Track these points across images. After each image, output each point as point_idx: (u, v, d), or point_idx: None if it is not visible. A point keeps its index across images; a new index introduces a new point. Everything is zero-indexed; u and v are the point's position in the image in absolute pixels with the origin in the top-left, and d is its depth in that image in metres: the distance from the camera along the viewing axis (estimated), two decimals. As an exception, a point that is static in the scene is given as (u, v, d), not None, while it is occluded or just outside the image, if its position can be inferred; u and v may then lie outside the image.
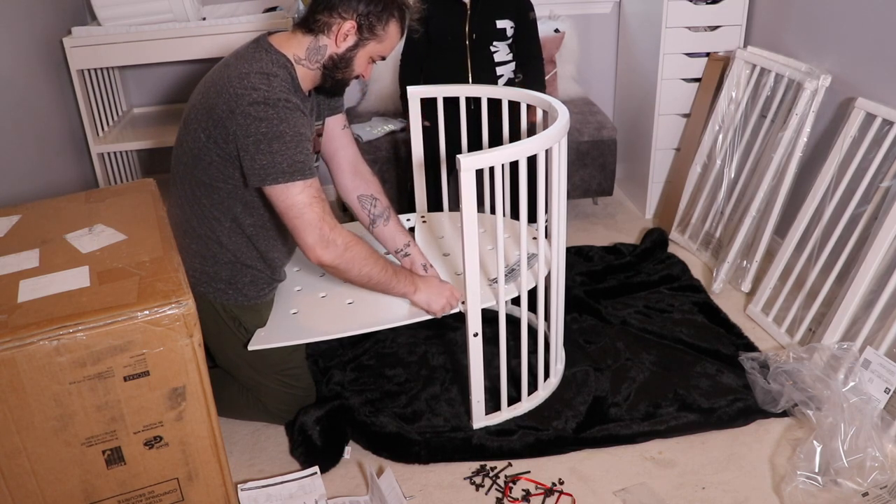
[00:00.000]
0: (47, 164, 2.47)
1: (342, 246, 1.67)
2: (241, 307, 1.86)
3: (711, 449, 1.94)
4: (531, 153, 1.75)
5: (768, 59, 2.66)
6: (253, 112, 1.59)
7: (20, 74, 2.36)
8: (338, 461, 1.93)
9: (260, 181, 1.62)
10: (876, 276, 2.06)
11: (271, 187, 1.62)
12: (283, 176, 1.60)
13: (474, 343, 1.87)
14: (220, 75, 1.67)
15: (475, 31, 2.61)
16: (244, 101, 1.59)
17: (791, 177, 2.49)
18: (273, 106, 1.60)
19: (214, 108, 1.64)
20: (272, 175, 1.61)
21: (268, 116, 1.59)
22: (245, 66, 1.64)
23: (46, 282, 1.40)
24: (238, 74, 1.63)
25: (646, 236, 2.98)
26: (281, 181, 1.61)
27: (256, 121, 1.59)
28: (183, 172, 1.76)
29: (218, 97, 1.63)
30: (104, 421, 1.35)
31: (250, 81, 1.61)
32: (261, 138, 1.59)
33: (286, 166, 1.60)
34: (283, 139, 1.60)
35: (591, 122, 3.07)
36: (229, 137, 1.63)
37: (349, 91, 3.33)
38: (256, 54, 1.67)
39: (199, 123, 1.67)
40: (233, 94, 1.60)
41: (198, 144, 1.69)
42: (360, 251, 1.70)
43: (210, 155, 1.68)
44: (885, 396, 1.92)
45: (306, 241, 1.64)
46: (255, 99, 1.59)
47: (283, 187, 1.61)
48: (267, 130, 1.59)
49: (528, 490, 1.83)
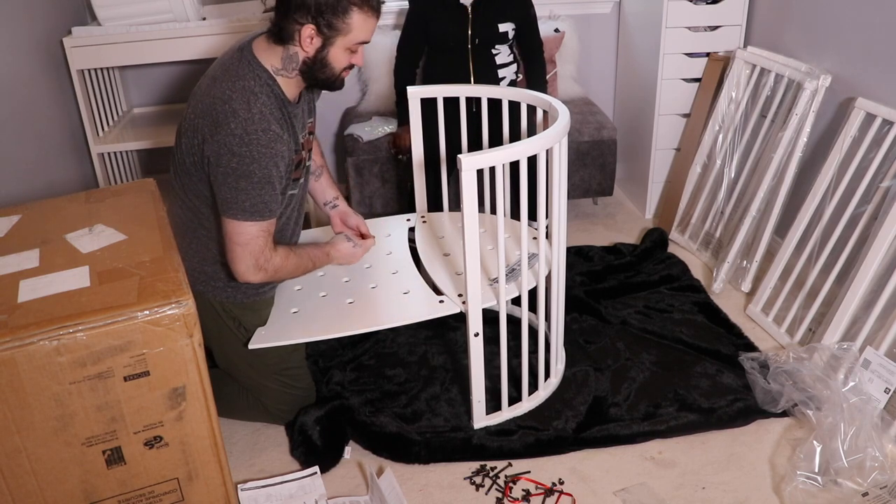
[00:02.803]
0: (47, 164, 2.47)
1: (271, 272, 1.77)
2: (240, 306, 1.87)
3: (711, 449, 1.94)
4: (532, 153, 1.75)
5: (768, 59, 2.66)
6: (228, 144, 1.62)
7: (20, 74, 2.36)
8: (338, 461, 1.93)
9: (221, 211, 1.69)
10: (876, 276, 2.06)
11: (224, 220, 1.69)
12: (242, 214, 1.67)
13: (475, 343, 1.87)
14: (207, 94, 1.68)
15: (477, 36, 2.61)
16: (223, 130, 1.62)
17: (791, 177, 2.49)
18: (248, 143, 1.62)
19: (198, 130, 1.68)
20: (232, 210, 1.67)
21: (240, 153, 1.62)
22: (228, 85, 1.66)
23: (46, 282, 1.40)
24: (222, 97, 1.65)
25: (646, 236, 2.98)
26: (240, 218, 1.67)
27: (229, 154, 1.63)
28: (180, 177, 1.79)
29: (203, 119, 1.67)
30: (104, 421, 1.35)
31: (231, 107, 1.63)
32: (230, 172, 1.63)
33: (248, 206, 1.66)
34: (251, 179, 1.64)
35: (591, 122, 3.07)
36: (205, 161, 1.68)
37: (349, 91, 3.34)
38: (240, 70, 1.69)
39: (188, 140, 1.72)
40: (214, 120, 1.64)
41: (189, 159, 1.73)
42: (286, 269, 1.81)
43: (198, 171, 1.72)
44: (885, 396, 1.92)
45: (238, 268, 1.72)
46: (232, 129, 1.62)
47: (238, 223, 1.68)
48: (237, 167, 1.63)
49: (528, 490, 1.83)
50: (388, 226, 2.32)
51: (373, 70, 3.21)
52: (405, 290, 1.96)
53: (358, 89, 3.36)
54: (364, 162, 2.95)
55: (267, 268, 1.74)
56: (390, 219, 2.38)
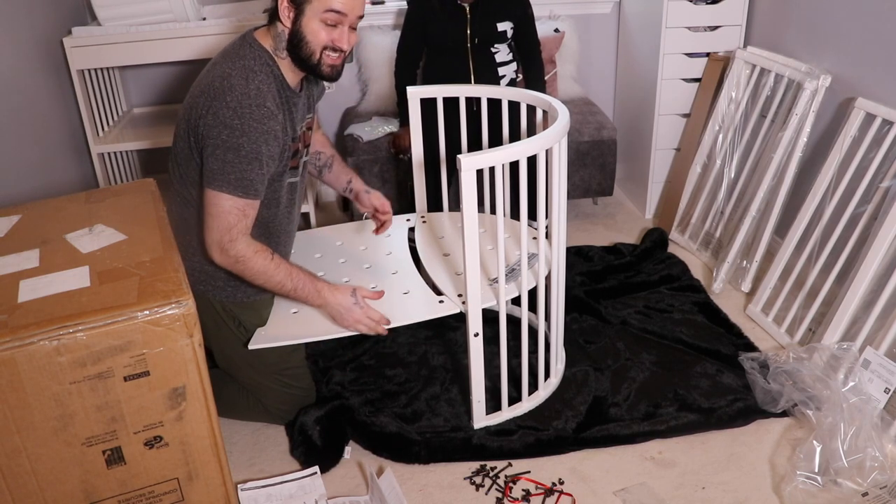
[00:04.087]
0: (47, 164, 2.47)
1: (233, 259, 1.72)
2: (240, 305, 1.87)
3: (711, 449, 1.94)
4: (531, 153, 1.75)
5: (768, 59, 2.66)
6: (221, 116, 1.63)
7: (20, 74, 2.36)
8: (338, 461, 1.93)
9: (206, 182, 1.68)
10: (876, 276, 2.06)
11: (206, 190, 1.68)
12: (224, 185, 1.66)
13: (475, 343, 1.87)
14: (207, 75, 1.71)
15: (476, 35, 2.62)
16: (218, 103, 1.64)
17: (791, 177, 2.49)
18: (241, 116, 1.63)
19: (195, 106, 1.68)
20: (216, 181, 1.66)
21: (232, 125, 1.63)
22: (228, 65, 1.69)
23: (46, 282, 1.40)
24: (221, 74, 1.68)
25: (646, 236, 2.98)
26: (221, 189, 1.66)
27: (221, 125, 1.63)
28: (179, 167, 1.80)
29: (200, 96, 1.68)
30: (104, 421, 1.35)
31: (230, 82, 1.65)
32: (219, 144, 1.64)
33: (232, 178, 1.66)
34: (239, 153, 1.64)
35: (591, 122, 3.07)
36: (199, 137, 1.68)
37: (349, 91, 3.34)
38: (241, 51, 1.73)
39: (185, 122, 1.72)
40: (211, 94, 1.65)
41: (186, 144, 1.73)
42: (251, 267, 1.74)
43: (195, 155, 1.72)
44: (884, 396, 1.92)
45: (206, 239, 1.72)
46: (227, 102, 1.63)
47: (216, 193, 1.67)
48: (227, 139, 1.64)
49: (528, 490, 1.83)
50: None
51: (373, 70, 3.21)
52: (405, 291, 1.96)
53: (358, 89, 3.37)
54: (364, 162, 2.95)
55: (229, 251, 1.70)
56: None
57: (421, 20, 2.68)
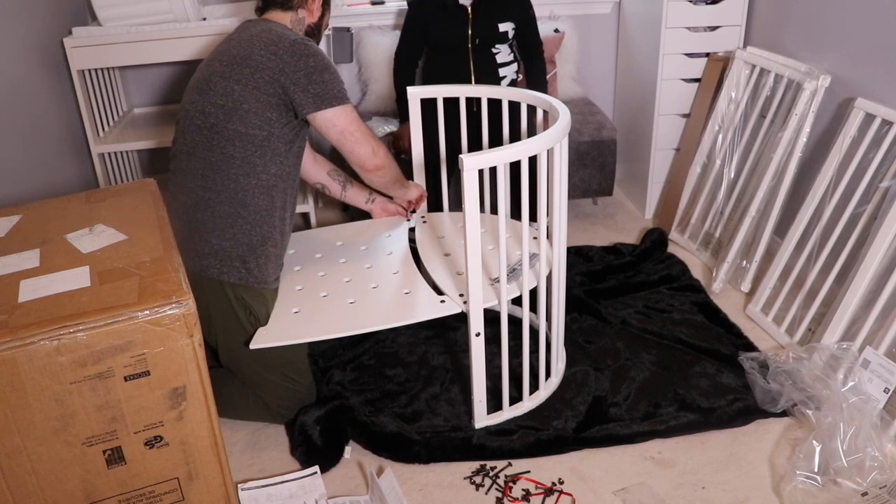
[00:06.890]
0: (47, 164, 2.48)
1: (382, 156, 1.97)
2: (251, 291, 1.87)
3: (711, 449, 1.94)
4: (533, 153, 1.75)
5: (768, 59, 2.66)
6: (296, 50, 1.80)
7: (20, 75, 2.36)
8: (338, 461, 1.93)
9: (315, 107, 1.83)
10: (875, 276, 2.06)
11: (324, 112, 1.84)
12: (335, 100, 1.85)
13: (476, 343, 1.87)
14: (237, 39, 1.86)
15: (478, 36, 2.62)
16: (284, 44, 1.80)
17: (791, 177, 2.49)
18: (308, 44, 1.82)
19: (249, 57, 1.80)
20: (327, 100, 1.83)
21: (311, 52, 1.81)
22: (266, 35, 1.83)
23: (47, 282, 1.40)
24: (260, 31, 1.84)
25: (645, 236, 2.98)
26: (335, 104, 1.85)
27: (304, 56, 1.80)
28: (205, 138, 1.84)
29: (251, 48, 1.81)
30: (104, 421, 1.35)
31: (277, 33, 1.82)
32: (311, 70, 1.81)
33: (336, 92, 1.85)
34: (330, 70, 1.84)
35: (590, 123, 3.07)
36: (274, 76, 1.79)
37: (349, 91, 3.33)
38: (265, 24, 1.87)
39: (231, 77, 1.81)
40: (268, 42, 1.80)
41: (231, 97, 1.81)
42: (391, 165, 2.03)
43: (248, 102, 1.80)
44: (884, 396, 1.92)
45: (361, 153, 1.93)
46: (293, 39, 1.81)
47: (335, 111, 1.85)
48: (315, 64, 1.81)
49: (528, 490, 1.83)
50: (388, 226, 2.32)
51: (373, 70, 3.21)
52: (406, 290, 1.96)
53: (358, 89, 3.37)
54: (364, 162, 2.94)
55: (378, 152, 1.94)
56: (390, 219, 2.38)
57: (421, 21, 2.68)
